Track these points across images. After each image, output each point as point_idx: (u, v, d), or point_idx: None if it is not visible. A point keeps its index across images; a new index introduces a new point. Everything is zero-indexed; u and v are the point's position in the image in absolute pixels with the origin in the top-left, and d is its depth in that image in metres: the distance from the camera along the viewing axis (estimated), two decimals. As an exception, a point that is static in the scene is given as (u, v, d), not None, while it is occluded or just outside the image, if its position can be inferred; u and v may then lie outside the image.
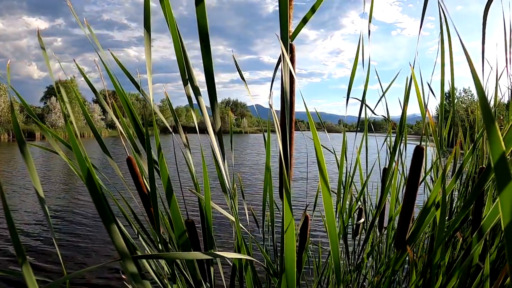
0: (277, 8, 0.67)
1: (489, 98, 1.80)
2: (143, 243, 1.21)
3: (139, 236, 1.20)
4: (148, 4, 0.75)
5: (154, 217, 0.82)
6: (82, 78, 1.14)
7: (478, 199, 1.15)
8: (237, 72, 1.07)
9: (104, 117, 56.99)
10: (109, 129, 54.09)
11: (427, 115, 1.19)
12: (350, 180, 1.54)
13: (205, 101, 0.81)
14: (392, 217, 1.41)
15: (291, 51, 0.71)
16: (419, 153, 0.84)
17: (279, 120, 0.74)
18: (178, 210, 0.82)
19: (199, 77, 0.85)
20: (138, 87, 0.98)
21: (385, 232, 1.66)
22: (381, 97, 1.52)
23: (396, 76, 1.55)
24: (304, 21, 0.76)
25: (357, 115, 1.49)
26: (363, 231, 1.79)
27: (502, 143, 0.33)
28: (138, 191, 1.11)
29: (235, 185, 1.29)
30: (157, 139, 0.82)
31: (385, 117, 1.65)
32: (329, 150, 1.72)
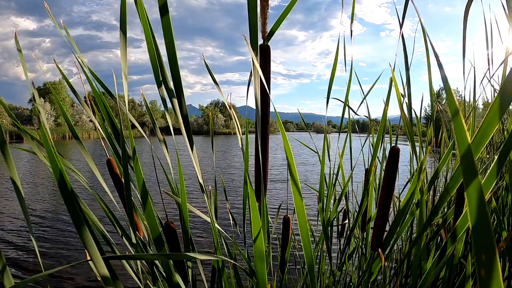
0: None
1: (473, 98, 1.83)
2: (128, 245, 1.20)
3: (123, 238, 1.19)
4: (125, 7, 0.74)
5: (129, 218, 0.81)
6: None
7: (459, 198, 1.16)
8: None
9: (93, 118, 56.18)
10: (97, 131, 53.34)
11: (409, 116, 1.20)
12: (333, 180, 1.55)
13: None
14: (371, 218, 1.42)
15: (265, 53, 0.71)
16: (394, 154, 0.85)
17: (261, 121, 0.74)
18: (153, 213, 0.82)
19: (188, 78, 0.84)
20: (111, 94, 0.98)
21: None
22: (364, 99, 1.53)
23: (378, 78, 1.58)
24: (278, 22, 0.76)
25: (347, 116, 1.51)
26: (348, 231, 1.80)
27: (467, 134, 0.32)
28: (119, 193, 1.10)
29: (210, 186, 1.27)
30: (132, 142, 0.82)
31: (367, 117, 1.67)
32: (312, 150, 1.73)
